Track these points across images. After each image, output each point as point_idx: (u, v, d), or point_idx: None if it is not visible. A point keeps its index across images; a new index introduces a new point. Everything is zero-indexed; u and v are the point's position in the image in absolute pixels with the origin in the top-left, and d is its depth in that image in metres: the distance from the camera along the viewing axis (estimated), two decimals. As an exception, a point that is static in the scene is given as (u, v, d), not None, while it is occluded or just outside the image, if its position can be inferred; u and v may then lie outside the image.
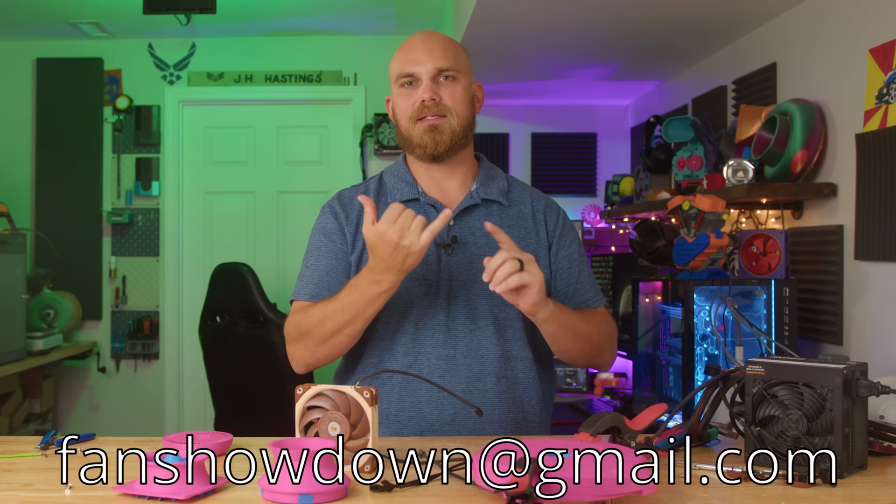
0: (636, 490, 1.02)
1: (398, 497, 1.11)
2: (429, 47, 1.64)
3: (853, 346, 2.38)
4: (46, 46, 4.58)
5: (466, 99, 1.65)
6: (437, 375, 1.59)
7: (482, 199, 1.69)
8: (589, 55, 3.49)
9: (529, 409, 1.66)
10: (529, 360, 1.65)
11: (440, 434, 1.59)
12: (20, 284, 3.87)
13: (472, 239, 1.66)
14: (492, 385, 1.61)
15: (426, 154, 1.64)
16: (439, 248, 1.64)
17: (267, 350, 3.71)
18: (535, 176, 4.60)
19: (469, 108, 1.66)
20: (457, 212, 1.67)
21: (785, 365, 1.27)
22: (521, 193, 1.76)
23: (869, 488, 1.18)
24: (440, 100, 1.62)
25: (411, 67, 1.63)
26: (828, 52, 2.53)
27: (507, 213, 1.70)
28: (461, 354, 1.60)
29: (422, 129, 1.63)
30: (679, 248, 2.58)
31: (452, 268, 1.63)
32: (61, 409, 4.61)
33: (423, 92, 1.62)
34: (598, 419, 1.33)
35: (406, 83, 1.65)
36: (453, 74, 1.63)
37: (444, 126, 1.62)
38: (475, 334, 1.62)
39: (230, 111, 4.70)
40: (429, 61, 1.62)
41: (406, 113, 1.65)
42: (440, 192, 1.70)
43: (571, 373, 3.80)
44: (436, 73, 1.62)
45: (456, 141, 1.64)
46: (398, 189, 1.70)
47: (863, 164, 2.31)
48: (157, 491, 1.08)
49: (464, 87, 1.65)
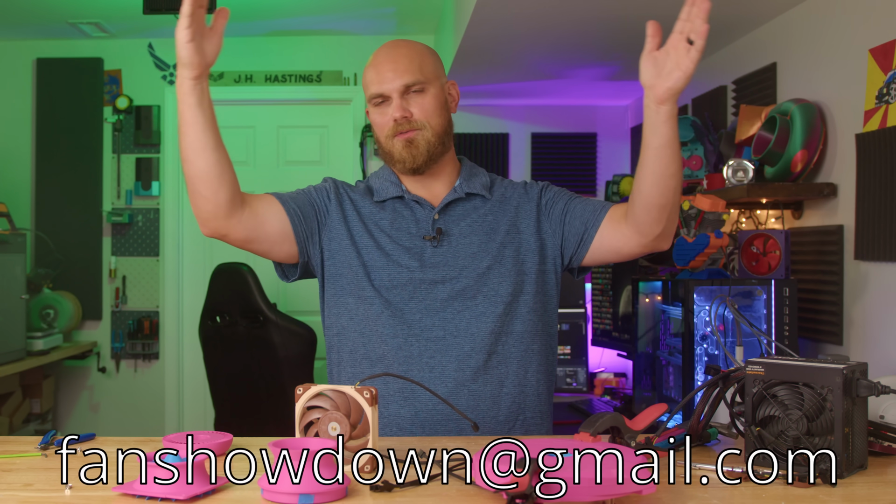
0: (636, 490, 1.02)
1: (398, 497, 1.11)
2: (394, 63, 1.66)
3: (853, 346, 2.38)
4: (46, 46, 4.58)
5: (438, 107, 1.67)
6: (427, 356, 1.61)
7: (466, 194, 1.72)
8: (589, 55, 3.49)
9: (527, 383, 1.67)
10: (520, 334, 1.67)
11: (436, 413, 1.60)
12: (20, 284, 3.87)
13: (457, 230, 1.69)
14: (483, 361, 1.63)
15: (406, 168, 1.68)
16: (425, 240, 1.67)
17: (267, 350, 3.72)
18: (535, 176, 4.60)
19: (442, 115, 1.68)
20: (441, 205, 1.70)
21: (785, 365, 1.27)
22: (501, 184, 1.79)
23: (869, 488, 1.18)
24: (411, 116, 1.65)
25: (379, 87, 1.66)
26: (828, 52, 2.53)
27: (490, 203, 1.74)
28: (450, 335, 1.63)
29: (400, 144, 1.66)
30: (679, 248, 2.58)
31: (438, 258, 1.66)
32: (61, 409, 4.61)
33: (393, 110, 1.65)
34: (598, 419, 1.33)
35: (378, 103, 1.68)
36: (421, 87, 1.65)
37: (420, 139, 1.65)
38: (464, 315, 1.64)
39: (230, 111, 4.70)
40: (395, 78, 1.64)
41: (383, 130, 1.68)
42: (425, 192, 1.73)
43: (571, 373, 3.80)
44: (403, 89, 1.64)
45: (433, 151, 1.67)
46: (383, 189, 1.73)
47: (863, 164, 2.31)
48: (157, 491, 1.08)
49: (434, 96, 1.67)
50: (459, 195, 1.71)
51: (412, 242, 1.67)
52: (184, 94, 1.47)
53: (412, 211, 1.71)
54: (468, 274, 1.65)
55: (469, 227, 1.69)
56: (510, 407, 1.65)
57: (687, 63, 1.43)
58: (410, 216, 1.70)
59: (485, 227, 1.70)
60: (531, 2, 2.73)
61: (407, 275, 1.64)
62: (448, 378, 1.62)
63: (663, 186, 1.53)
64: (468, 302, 1.64)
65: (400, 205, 1.72)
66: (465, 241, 1.68)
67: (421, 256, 1.66)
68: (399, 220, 1.70)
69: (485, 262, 1.66)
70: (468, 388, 1.62)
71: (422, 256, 1.66)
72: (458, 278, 1.65)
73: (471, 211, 1.71)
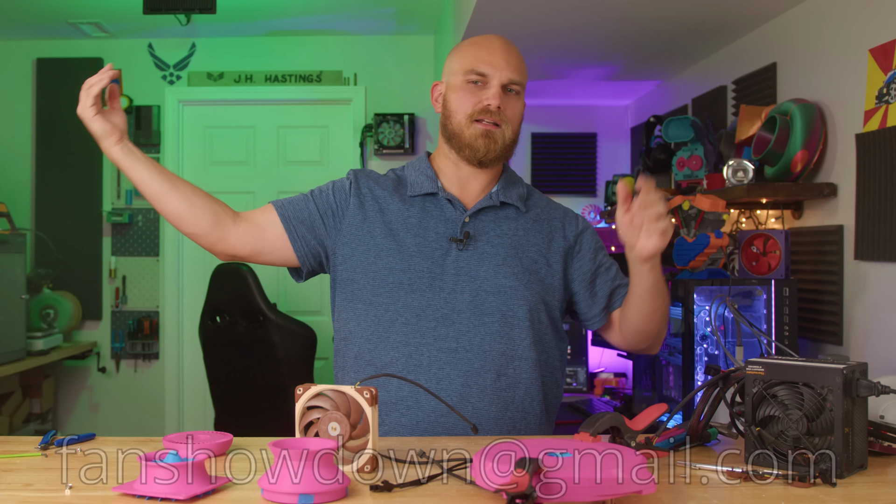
0: (636, 490, 1.02)
1: (398, 497, 1.11)
2: (507, 55, 1.65)
3: (853, 346, 2.38)
4: (46, 46, 4.58)
5: (521, 116, 1.69)
6: (436, 367, 1.58)
7: (500, 202, 1.69)
8: (589, 55, 3.49)
9: (530, 411, 1.65)
10: (534, 361, 1.64)
11: (437, 426, 1.58)
12: (20, 284, 3.87)
13: (485, 238, 1.66)
14: (490, 382, 1.60)
15: (475, 157, 1.65)
16: (451, 242, 1.64)
17: (267, 350, 3.72)
18: (535, 176, 4.60)
19: (519, 126, 1.69)
20: (474, 210, 1.67)
21: (785, 365, 1.27)
22: (539, 201, 1.77)
23: (869, 488, 1.18)
24: (503, 110, 1.64)
25: (487, 68, 1.63)
26: (828, 52, 2.53)
27: (524, 217, 1.71)
28: (463, 349, 1.60)
29: (477, 131, 1.63)
30: (679, 248, 2.58)
31: (462, 263, 1.63)
32: (61, 409, 4.61)
33: (492, 97, 1.63)
34: (598, 419, 1.33)
35: (473, 81, 1.64)
36: (518, 90, 1.67)
37: (498, 135, 1.64)
38: (479, 330, 1.61)
39: (230, 111, 4.70)
40: (506, 69, 1.64)
41: (465, 110, 1.64)
42: (461, 190, 1.70)
43: (571, 373, 3.80)
44: (508, 82, 1.64)
45: (505, 152, 1.66)
46: (418, 183, 1.69)
47: (863, 164, 2.31)
48: (157, 491, 1.08)
49: (523, 105, 1.70)
50: (494, 202, 1.68)
51: (438, 243, 1.64)
52: (117, 161, 1.60)
53: (442, 210, 1.67)
54: (488, 286, 1.62)
55: (498, 238, 1.66)
56: (510, 432, 1.61)
57: (656, 239, 1.46)
58: (440, 215, 1.67)
59: (514, 241, 1.67)
60: (531, 2, 2.73)
61: (427, 280, 1.61)
62: (454, 392, 1.58)
63: (650, 319, 1.66)
64: (485, 318, 1.61)
65: (431, 202, 1.68)
66: (492, 251, 1.64)
67: (444, 260, 1.62)
68: (427, 218, 1.66)
69: (508, 279, 1.63)
70: (472, 406, 1.59)
71: (444, 260, 1.62)
72: (479, 289, 1.62)
73: (502, 221, 1.68)
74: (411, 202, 1.68)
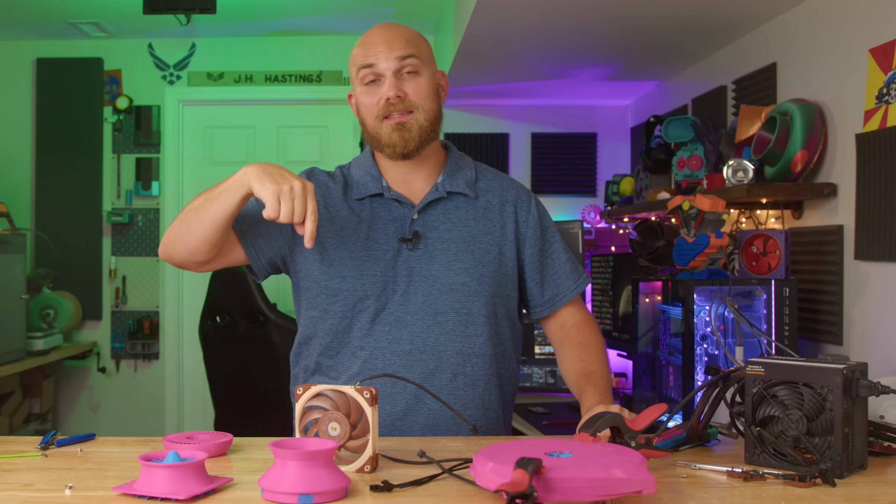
0: (636, 490, 1.02)
1: (398, 497, 1.11)
2: (388, 38, 1.60)
3: (853, 346, 2.38)
4: (46, 46, 4.58)
5: (431, 91, 1.62)
6: (391, 371, 1.56)
7: (447, 192, 1.66)
8: (589, 55, 3.49)
9: (490, 407, 1.63)
10: (489, 357, 1.62)
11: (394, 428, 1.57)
12: (20, 284, 3.87)
13: (434, 234, 1.63)
14: (447, 382, 1.58)
15: (395, 153, 1.61)
16: (400, 242, 1.61)
17: (267, 350, 3.71)
18: (535, 176, 4.60)
19: (435, 101, 1.63)
20: (421, 206, 1.64)
21: (785, 365, 1.27)
22: (489, 183, 1.72)
23: (869, 488, 1.18)
24: (405, 96, 1.59)
25: (372, 60, 1.59)
26: (828, 52, 2.53)
27: (474, 205, 1.67)
28: (417, 350, 1.58)
29: (389, 127, 1.59)
30: (679, 248, 2.58)
31: (413, 262, 1.61)
32: (61, 409, 4.61)
33: (387, 89, 1.58)
34: (598, 419, 1.33)
35: (369, 80, 1.60)
36: (416, 68, 1.60)
37: (411, 123, 1.59)
38: (433, 330, 1.59)
39: (230, 111, 4.70)
40: (389, 53, 1.58)
41: (371, 111, 1.61)
42: (405, 187, 1.67)
43: (571, 373, 3.80)
44: (398, 66, 1.58)
45: (424, 137, 1.61)
46: (363, 184, 1.67)
47: (863, 164, 2.30)
48: (156, 491, 1.08)
49: (428, 80, 1.62)
50: (441, 194, 1.65)
51: (389, 245, 1.61)
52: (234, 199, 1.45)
53: (390, 210, 1.65)
54: (441, 285, 1.60)
55: (448, 233, 1.63)
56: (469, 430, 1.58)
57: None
58: (388, 216, 1.64)
59: (465, 234, 1.64)
60: (531, 2, 2.72)
61: (381, 284, 1.59)
62: (408, 395, 1.57)
63: None
64: (440, 318, 1.59)
65: (378, 203, 1.65)
66: (442, 248, 1.62)
67: (395, 262, 1.60)
68: (376, 220, 1.64)
69: (460, 276, 1.61)
70: (428, 407, 1.57)
71: (396, 262, 1.60)
72: (432, 288, 1.59)
73: (451, 212, 1.65)
74: (359, 206, 1.66)
